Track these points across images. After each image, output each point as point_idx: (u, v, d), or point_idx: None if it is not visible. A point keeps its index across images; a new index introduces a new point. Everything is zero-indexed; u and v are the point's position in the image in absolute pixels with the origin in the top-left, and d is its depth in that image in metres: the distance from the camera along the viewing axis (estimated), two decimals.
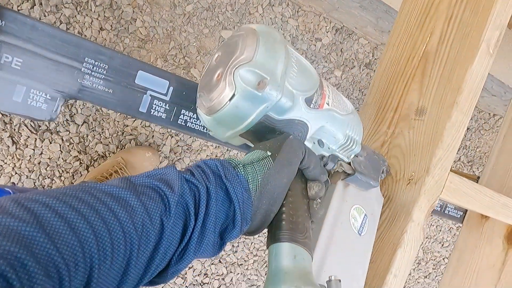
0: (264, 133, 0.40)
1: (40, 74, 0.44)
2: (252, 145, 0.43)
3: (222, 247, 0.35)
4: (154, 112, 0.51)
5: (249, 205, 0.35)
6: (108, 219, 0.26)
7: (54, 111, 0.46)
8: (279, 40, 0.39)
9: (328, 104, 0.42)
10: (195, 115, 0.54)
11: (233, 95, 0.36)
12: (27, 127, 1.06)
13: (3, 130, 1.04)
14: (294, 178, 0.38)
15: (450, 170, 0.51)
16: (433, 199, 0.49)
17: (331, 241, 0.43)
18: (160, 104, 0.51)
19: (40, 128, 1.07)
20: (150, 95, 0.51)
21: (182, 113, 0.53)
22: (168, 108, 0.52)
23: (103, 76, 0.48)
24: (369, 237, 0.46)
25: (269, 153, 0.37)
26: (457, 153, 2.05)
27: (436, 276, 1.99)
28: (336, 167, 0.45)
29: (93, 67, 0.47)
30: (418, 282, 1.97)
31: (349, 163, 0.46)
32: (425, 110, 0.51)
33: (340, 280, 0.34)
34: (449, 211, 0.87)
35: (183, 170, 0.35)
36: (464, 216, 0.88)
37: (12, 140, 1.05)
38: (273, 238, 0.35)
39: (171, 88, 0.52)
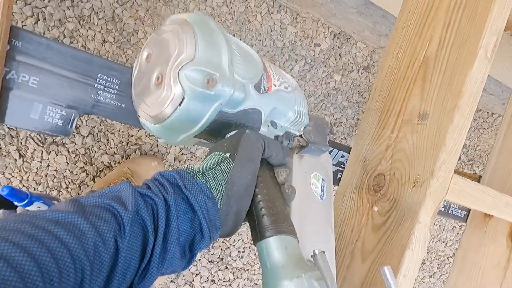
0: (220, 129, 0.39)
1: (56, 91, 0.46)
2: (207, 143, 0.43)
3: (192, 259, 0.34)
4: None
5: (215, 212, 0.34)
6: (53, 247, 0.25)
7: (69, 127, 0.48)
8: (216, 28, 0.37)
9: (275, 85, 0.42)
10: None
11: (183, 99, 0.34)
12: (34, 140, 1.07)
13: (10, 143, 1.05)
14: (261, 169, 0.37)
15: None
16: (438, 201, 0.50)
17: (302, 216, 0.43)
18: None
19: (46, 140, 1.09)
20: None
21: None
22: None
23: (116, 91, 0.49)
24: (329, 197, 0.49)
25: (227, 154, 0.36)
26: None
27: (441, 275, 1.99)
28: (290, 143, 0.45)
29: (106, 83, 0.48)
30: (423, 282, 1.97)
31: (301, 136, 0.46)
32: (427, 114, 0.53)
33: (324, 252, 0.35)
34: (452, 211, 0.89)
35: (141, 185, 0.34)
36: (468, 216, 0.89)
37: (19, 153, 1.06)
38: (259, 235, 0.35)
39: None
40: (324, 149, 0.48)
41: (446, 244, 2.06)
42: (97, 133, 1.14)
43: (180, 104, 0.34)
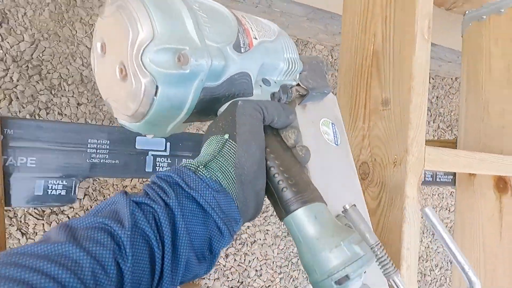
0: (210, 106, 0.35)
1: (54, 165, 0.50)
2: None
3: (215, 259, 0.31)
4: (159, 168, 0.56)
5: (229, 204, 0.31)
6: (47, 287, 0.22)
7: (73, 194, 0.51)
8: None
9: (255, 37, 0.37)
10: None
11: (156, 87, 0.29)
12: (32, 216, 1.09)
13: (10, 224, 1.06)
14: (266, 137, 0.34)
15: (427, 143, 0.58)
16: (419, 173, 0.55)
17: (322, 172, 0.40)
18: (163, 160, 0.57)
19: (44, 213, 1.10)
20: (152, 154, 0.56)
21: (183, 162, 0.59)
22: (170, 161, 0.57)
23: (107, 150, 0.53)
24: (344, 140, 0.45)
25: (226, 136, 0.32)
26: (434, 122, 2.16)
27: None
28: (289, 97, 0.41)
29: (97, 146, 0.52)
30: (438, 252, 2.02)
31: (298, 84, 0.42)
32: (389, 100, 0.58)
33: (354, 205, 0.32)
34: (440, 178, 0.94)
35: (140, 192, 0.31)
36: (455, 179, 0.95)
37: (21, 232, 1.07)
38: (284, 211, 0.33)
39: (168, 144, 0.58)
40: (326, 91, 0.43)
41: (449, 210, 2.12)
42: (92, 193, 1.16)
43: (155, 94, 0.30)
